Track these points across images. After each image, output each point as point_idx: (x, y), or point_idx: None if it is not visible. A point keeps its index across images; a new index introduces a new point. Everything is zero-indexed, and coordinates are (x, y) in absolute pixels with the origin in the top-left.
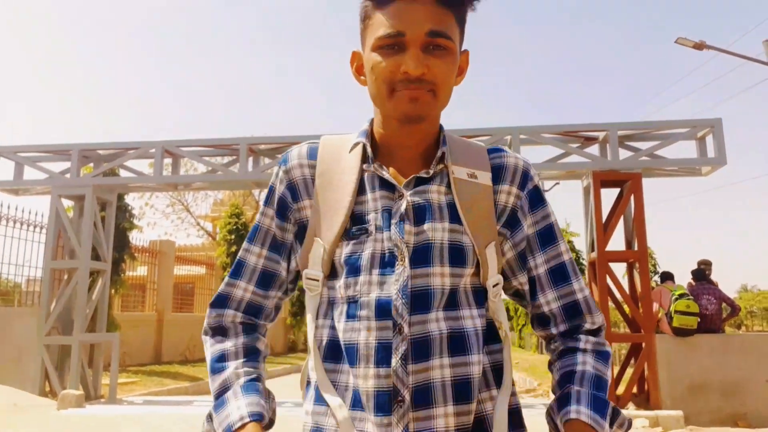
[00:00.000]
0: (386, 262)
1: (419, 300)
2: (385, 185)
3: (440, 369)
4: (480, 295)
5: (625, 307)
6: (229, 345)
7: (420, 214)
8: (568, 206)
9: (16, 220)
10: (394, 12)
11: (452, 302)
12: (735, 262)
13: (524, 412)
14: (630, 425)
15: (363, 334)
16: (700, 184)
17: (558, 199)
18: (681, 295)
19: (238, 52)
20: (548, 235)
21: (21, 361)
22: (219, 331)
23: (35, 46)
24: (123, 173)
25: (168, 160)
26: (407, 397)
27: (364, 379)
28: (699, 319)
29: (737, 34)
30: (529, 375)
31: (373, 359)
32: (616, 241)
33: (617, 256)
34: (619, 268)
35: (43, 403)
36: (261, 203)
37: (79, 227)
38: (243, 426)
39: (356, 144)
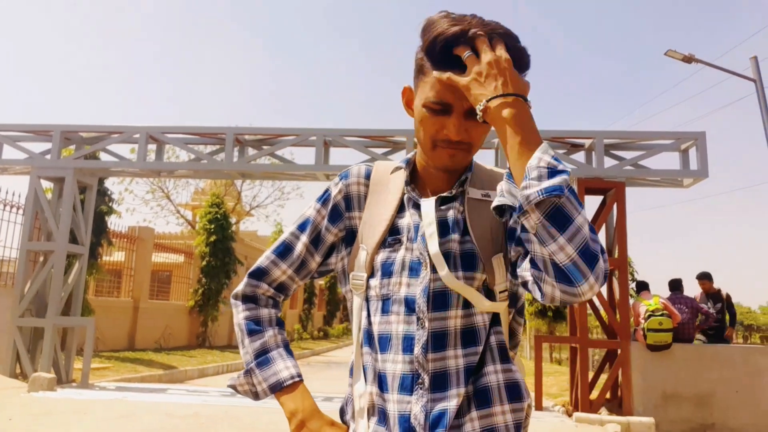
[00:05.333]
0: (413, 267)
1: (438, 299)
2: (418, 205)
3: (455, 359)
4: (490, 297)
5: (603, 314)
6: (264, 313)
7: (442, 227)
8: None
9: None
10: (447, 81)
11: (467, 301)
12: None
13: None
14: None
15: (394, 326)
16: (682, 195)
17: None
18: (653, 312)
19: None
20: None
21: None
22: (251, 299)
23: (22, 25)
24: (104, 157)
25: (151, 146)
26: (426, 380)
27: (393, 363)
28: (673, 333)
29: (723, 48)
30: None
31: (401, 347)
32: None
33: None
34: None
35: (14, 384)
36: (314, 200)
37: (58, 210)
38: (294, 384)
39: (398, 168)
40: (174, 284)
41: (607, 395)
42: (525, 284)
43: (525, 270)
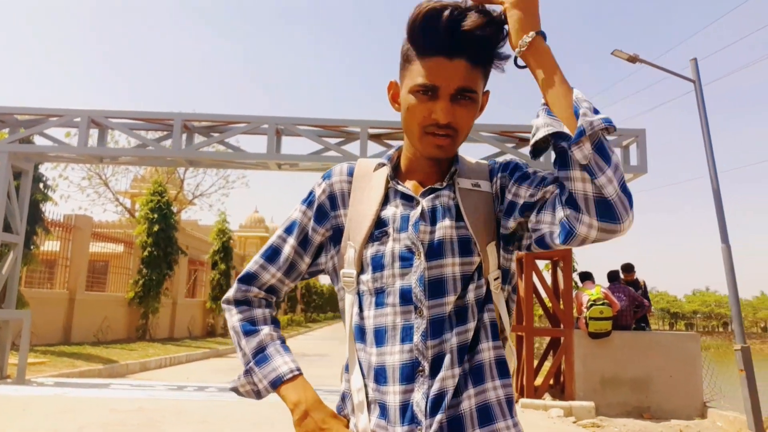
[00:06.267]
0: (404, 257)
1: (434, 287)
2: (404, 196)
3: (450, 340)
4: (484, 284)
5: (547, 302)
6: (258, 312)
7: (433, 216)
8: None
9: None
10: (433, 66)
11: (463, 285)
12: (638, 263)
13: None
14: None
15: (390, 318)
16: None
17: None
18: (595, 302)
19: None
20: (524, 175)
21: None
22: (244, 303)
23: None
24: (39, 141)
25: (92, 131)
26: (426, 367)
27: (391, 355)
28: (613, 322)
29: (664, 48)
30: None
31: (398, 337)
32: None
33: (543, 254)
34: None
35: None
36: (299, 203)
37: None
38: (294, 377)
39: (381, 164)
40: (112, 275)
41: (551, 381)
42: (539, 239)
43: (542, 222)
